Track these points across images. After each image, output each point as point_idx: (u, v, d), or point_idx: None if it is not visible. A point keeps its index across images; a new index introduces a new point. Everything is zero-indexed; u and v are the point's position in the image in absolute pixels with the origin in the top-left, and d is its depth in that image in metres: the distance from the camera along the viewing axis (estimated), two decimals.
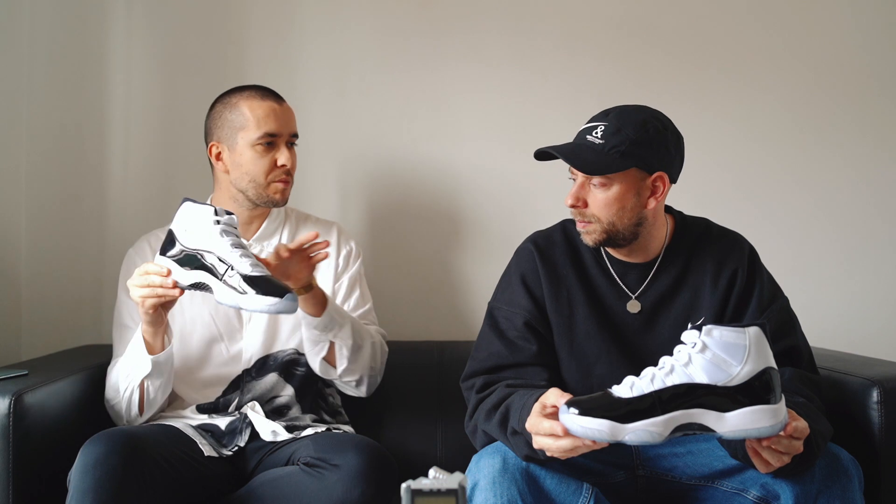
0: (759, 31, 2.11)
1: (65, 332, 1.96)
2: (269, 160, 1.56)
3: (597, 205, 1.32)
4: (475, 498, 1.18)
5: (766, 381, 1.03)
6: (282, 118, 1.57)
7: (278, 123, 1.56)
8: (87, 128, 1.99)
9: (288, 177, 1.58)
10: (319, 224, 1.73)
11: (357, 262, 1.71)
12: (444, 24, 2.06)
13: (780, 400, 1.04)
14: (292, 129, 1.60)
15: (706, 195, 2.01)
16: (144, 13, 2.01)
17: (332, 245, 1.68)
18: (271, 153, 1.56)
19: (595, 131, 1.30)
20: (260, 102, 1.56)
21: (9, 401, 1.33)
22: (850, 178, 2.10)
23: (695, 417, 1.03)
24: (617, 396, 1.04)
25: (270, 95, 1.59)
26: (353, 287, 1.68)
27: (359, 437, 1.44)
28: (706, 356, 1.03)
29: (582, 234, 1.36)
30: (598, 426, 1.02)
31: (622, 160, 1.28)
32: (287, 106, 1.61)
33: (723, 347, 1.03)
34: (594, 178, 1.31)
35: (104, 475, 1.20)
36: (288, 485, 1.33)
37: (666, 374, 1.04)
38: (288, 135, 1.58)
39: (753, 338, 1.04)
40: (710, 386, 1.02)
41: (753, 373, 1.03)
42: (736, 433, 1.03)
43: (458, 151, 2.06)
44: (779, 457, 1.08)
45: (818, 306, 2.04)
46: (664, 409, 1.02)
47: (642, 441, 1.02)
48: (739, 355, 1.03)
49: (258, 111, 1.55)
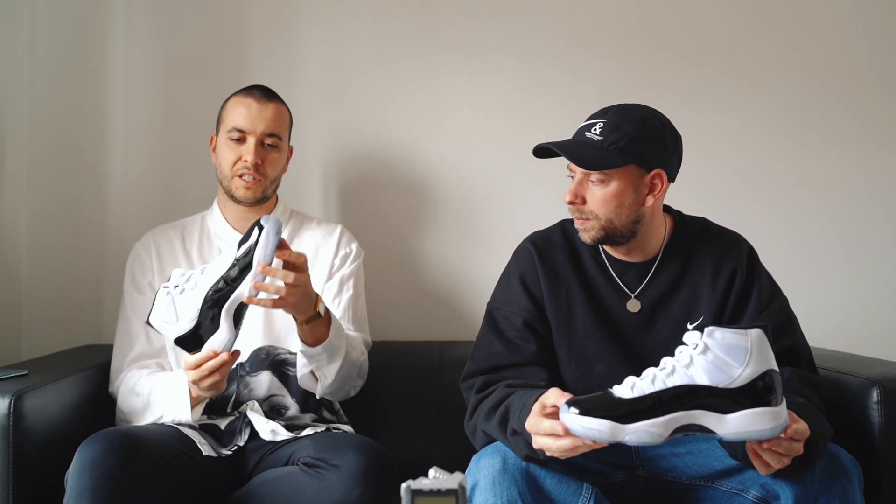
0: (761, 29, 2.10)
1: (65, 332, 1.96)
2: (236, 154, 1.58)
3: (595, 201, 1.32)
4: (475, 498, 1.18)
5: (768, 383, 1.03)
6: (253, 115, 1.58)
7: (247, 120, 1.58)
8: (87, 128, 1.99)
9: (256, 174, 1.58)
10: (322, 227, 1.72)
11: (353, 264, 1.69)
12: (444, 24, 2.06)
13: (781, 402, 1.04)
14: (264, 129, 1.59)
15: (706, 194, 2.01)
16: (144, 13, 2.01)
17: (331, 246, 1.68)
18: (239, 148, 1.58)
19: (594, 128, 1.31)
20: (241, 99, 1.61)
21: (9, 401, 1.33)
22: (851, 177, 2.10)
23: (695, 419, 1.02)
24: (618, 397, 1.04)
25: (255, 94, 1.61)
26: (343, 286, 1.65)
27: (359, 437, 1.44)
28: (707, 357, 1.03)
29: (580, 231, 1.36)
30: (599, 426, 1.02)
31: (621, 156, 1.29)
32: (270, 106, 1.61)
33: (724, 349, 1.03)
34: (592, 175, 1.31)
35: (101, 475, 1.20)
36: (287, 485, 1.33)
37: (667, 375, 1.04)
38: (259, 133, 1.58)
39: (755, 340, 1.04)
40: (711, 387, 1.02)
41: (755, 375, 1.02)
42: (736, 435, 1.03)
43: (457, 151, 2.06)
44: (779, 458, 1.08)
45: (818, 306, 2.03)
46: (665, 410, 1.02)
47: (642, 442, 1.02)
48: (741, 357, 1.03)
49: (235, 106, 1.60)
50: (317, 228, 1.72)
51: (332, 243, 1.69)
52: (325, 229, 1.71)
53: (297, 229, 1.70)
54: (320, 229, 1.72)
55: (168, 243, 1.65)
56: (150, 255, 1.63)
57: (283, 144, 1.65)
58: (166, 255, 1.63)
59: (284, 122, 1.65)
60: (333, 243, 1.68)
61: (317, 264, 1.65)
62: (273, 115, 1.61)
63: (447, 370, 1.77)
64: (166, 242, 1.65)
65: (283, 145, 1.65)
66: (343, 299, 1.64)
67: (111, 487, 1.20)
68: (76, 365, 1.61)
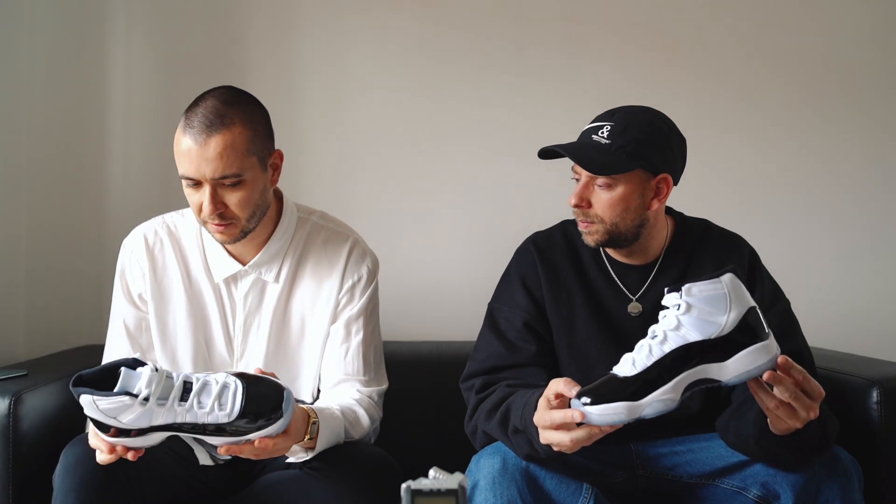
0: (758, 33, 2.11)
1: (65, 332, 1.96)
2: (197, 200, 1.31)
3: (601, 205, 1.31)
4: (475, 498, 1.18)
5: (753, 320, 1.06)
6: (197, 161, 1.26)
7: (191, 167, 1.27)
8: (87, 127, 1.99)
9: (222, 220, 1.31)
10: (329, 246, 1.46)
11: (366, 295, 1.45)
12: (445, 25, 2.06)
13: (769, 334, 1.07)
14: (214, 174, 1.27)
15: (707, 196, 2.01)
16: (144, 13, 2.01)
17: (335, 278, 1.44)
18: (197, 194, 1.31)
19: (601, 131, 1.30)
20: (181, 135, 1.29)
21: (9, 401, 1.33)
22: (851, 178, 2.11)
23: (700, 374, 1.05)
24: (623, 376, 1.05)
25: (193, 128, 1.27)
26: (350, 330, 1.43)
27: (363, 443, 1.41)
28: (693, 314, 1.05)
29: (584, 234, 1.35)
30: (615, 410, 1.03)
31: (629, 161, 1.27)
32: (212, 142, 1.26)
33: (705, 301, 1.06)
34: (598, 178, 1.30)
35: (86, 475, 1.19)
36: (290, 488, 1.31)
37: (661, 343, 1.06)
38: (209, 179, 1.27)
39: (730, 284, 1.06)
40: (704, 341, 1.05)
41: (740, 317, 1.05)
42: (739, 377, 1.05)
43: (457, 151, 2.06)
44: (792, 413, 1.08)
45: (818, 306, 2.04)
46: (670, 376, 1.04)
47: (659, 411, 1.03)
48: (722, 305, 1.05)
49: (179, 145, 1.29)
50: (322, 251, 1.46)
51: (336, 273, 1.44)
52: (331, 252, 1.46)
53: (304, 246, 1.46)
54: (326, 252, 1.46)
55: (161, 256, 1.45)
56: (136, 253, 1.45)
57: (250, 175, 1.30)
58: (160, 270, 1.45)
59: (239, 151, 1.28)
60: (338, 273, 1.44)
61: (318, 305, 1.45)
62: (219, 153, 1.26)
63: (447, 370, 1.76)
64: (160, 255, 1.45)
65: (250, 176, 1.31)
66: (351, 346, 1.43)
67: (96, 487, 1.19)
68: (76, 365, 1.60)
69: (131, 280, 1.45)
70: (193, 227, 1.47)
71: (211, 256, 1.44)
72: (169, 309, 1.43)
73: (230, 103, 1.30)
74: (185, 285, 1.44)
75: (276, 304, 1.44)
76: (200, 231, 1.46)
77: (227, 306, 1.44)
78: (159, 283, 1.44)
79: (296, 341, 1.46)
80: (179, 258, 1.45)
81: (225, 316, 1.44)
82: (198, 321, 1.43)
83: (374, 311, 1.50)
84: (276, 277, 1.44)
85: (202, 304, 1.44)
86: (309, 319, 1.46)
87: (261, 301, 1.44)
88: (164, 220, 1.48)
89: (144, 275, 1.43)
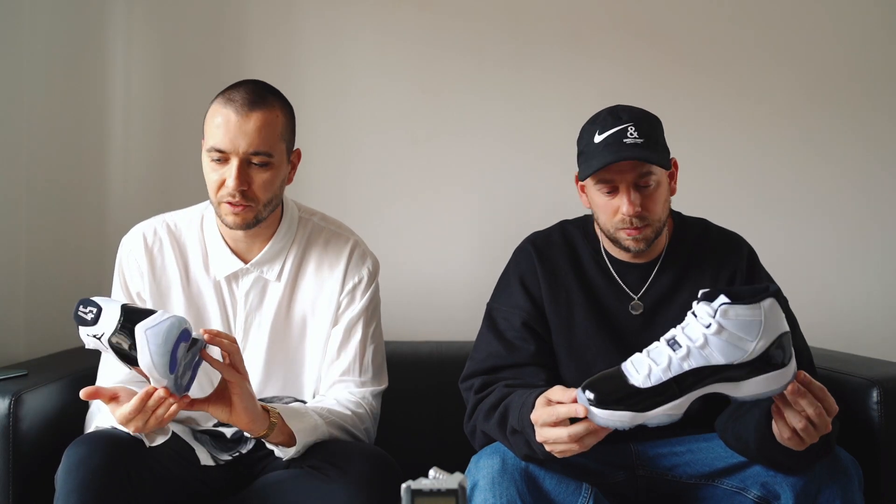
0: (759, 32, 2.11)
1: (65, 333, 1.96)
2: (219, 176, 1.32)
3: (653, 205, 1.31)
4: (475, 498, 1.18)
5: (781, 346, 1.02)
6: (233, 132, 1.29)
7: (226, 138, 1.29)
8: (87, 127, 1.99)
9: (243, 200, 1.32)
10: (330, 248, 1.47)
11: (366, 296, 1.46)
12: (444, 25, 2.06)
13: (792, 359, 1.04)
14: (247, 148, 1.30)
15: (707, 194, 2.01)
16: (144, 13, 2.01)
17: (336, 280, 1.45)
18: (222, 169, 1.32)
19: (629, 132, 1.28)
20: (219, 108, 1.32)
21: (9, 401, 1.33)
22: (851, 178, 2.11)
23: (712, 390, 1.03)
24: (636, 387, 1.03)
25: (235, 101, 1.31)
26: (350, 333, 1.44)
27: (365, 444, 1.40)
28: (722, 337, 1.01)
29: (631, 240, 1.32)
30: (620, 417, 1.02)
31: (667, 153, 1.33)
32: (254, 117, 1.30)
33: (738, 326, 1.02)
34: (643, 180, 1.28)
35: (87, 475, 1.19)
36: (290, 488, 1.30)
37: (682, 359, 1.02)
38: (242, 153, 1.30)
39: (769, 311, 1.02)
40: (727, 365, 1.02)
41: (768, 344, 1.02)
42: (752, 396, 1.04)
43: (457, 151, 2.06)
44: (809, 434, 1.07)
45: (818, 306, 2.03)
46: (682, 392, 1.02)
47: (662, 423, 1.03)
48: (755, 331, 1.01)
49: (214, 118, 1.32)
50: (323, 252, 1.47)
51: (337, 275, 1.45)
52: (332, 253, 1.47)
53: (306, 246, 1.47)
54: (327, 253, 1.47)
55: (161, 255, 1.45)
56: (136, 252, 1.44)
57: (277, 159, 1.34)
58: (158, 269, 1.45)
59: (276, 132, 1.33)
60: (339, 275, 1.45)
61: (320, 305, 1.45)
62: (258, 127, 1.30)
63: (447, 370, 1.76)
64: (159, 254, 1.45)
65: (278, 160, 1.34)
66: (349, 349, 1.44)
67: (97, 487, 1.18)
68: (76, 365, 1.61)
69: (129, 278, 1.45)
70: (195, 225, 1.47)
71: (212, 254, 1.44)
72: (168, 308, 1.43)
73: (270, 90, 1.37)
74: (184, 284, 1.44)
75: (278, 302, 1.44)
76: (202, 229, 1.46)
77: (227, 304, 1.44)
78: (158, 283, 1.44)
79: (296, 341, 1.46)
80: (179, 257, 1.45)
81: (226, 314, 1.44)
82: (197, 320, 1.43)
83: (375, 313, 1.50)
84: (277, 276, 1.44)
85: (202, 302, 1.44)
86: (310, 319, 1.46)
87: (262, 299, 1.44)
88: (165, 219, 1.48)
89: (143, 274, 1.43)
